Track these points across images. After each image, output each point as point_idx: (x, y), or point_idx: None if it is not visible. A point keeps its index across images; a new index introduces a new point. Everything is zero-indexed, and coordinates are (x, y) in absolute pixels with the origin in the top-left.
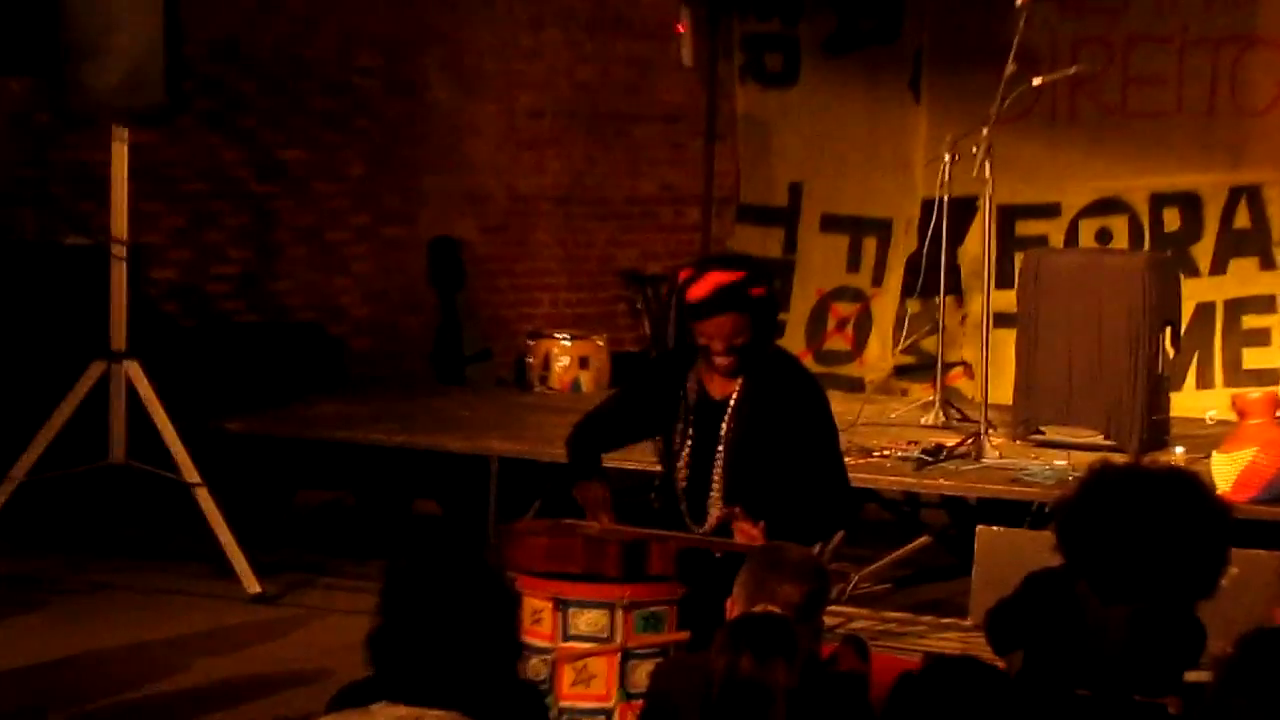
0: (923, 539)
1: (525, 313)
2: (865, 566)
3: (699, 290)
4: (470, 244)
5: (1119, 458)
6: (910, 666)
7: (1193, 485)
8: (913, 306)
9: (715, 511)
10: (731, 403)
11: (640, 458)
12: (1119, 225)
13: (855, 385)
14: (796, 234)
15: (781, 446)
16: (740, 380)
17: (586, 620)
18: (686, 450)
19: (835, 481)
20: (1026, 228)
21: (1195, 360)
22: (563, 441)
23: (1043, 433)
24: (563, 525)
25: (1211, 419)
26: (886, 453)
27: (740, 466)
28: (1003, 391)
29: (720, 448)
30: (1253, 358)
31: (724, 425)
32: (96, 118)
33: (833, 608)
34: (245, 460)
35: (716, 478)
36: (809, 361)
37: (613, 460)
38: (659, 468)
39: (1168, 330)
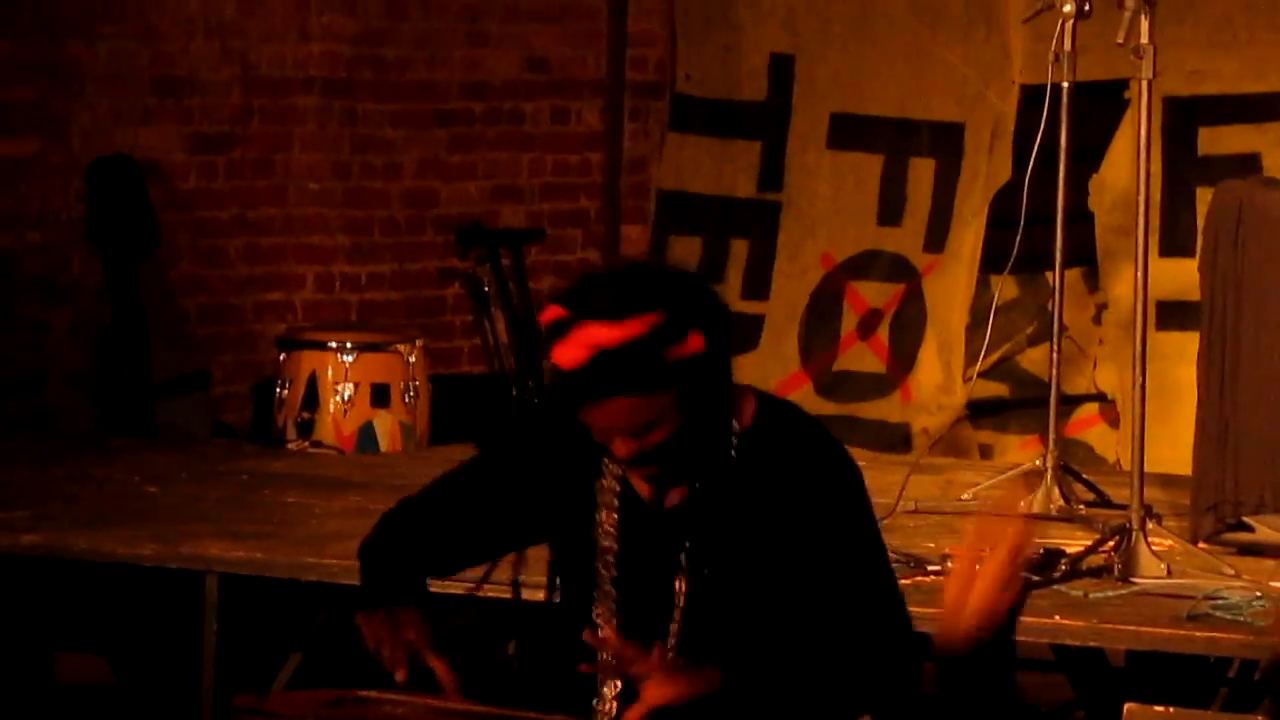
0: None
1: (270, 300)
2: None
3: (568, 357)
4: (167, 169)
5: None
6: None
7: None
8: (1003, 289)
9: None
10: (690, 517)
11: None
12: None
13: (893, 439)
14: (784, 153)
15: (785, 583)
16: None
17: None
18: (609, 587)
19: (880, 629)
20: (1219, 140)
21: None
22: (346, 544)
23: (1250, 528)
24: (350, 699)
25: None
26: (954, 566)
27: (718, 631)
28: (1173, 451)
29: (680, 597)
30: None
31: (682, 559)
32: None
33: None
34: None
35: (671, 643)
36: (807, 395)
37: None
38: (508, 592)
39: None
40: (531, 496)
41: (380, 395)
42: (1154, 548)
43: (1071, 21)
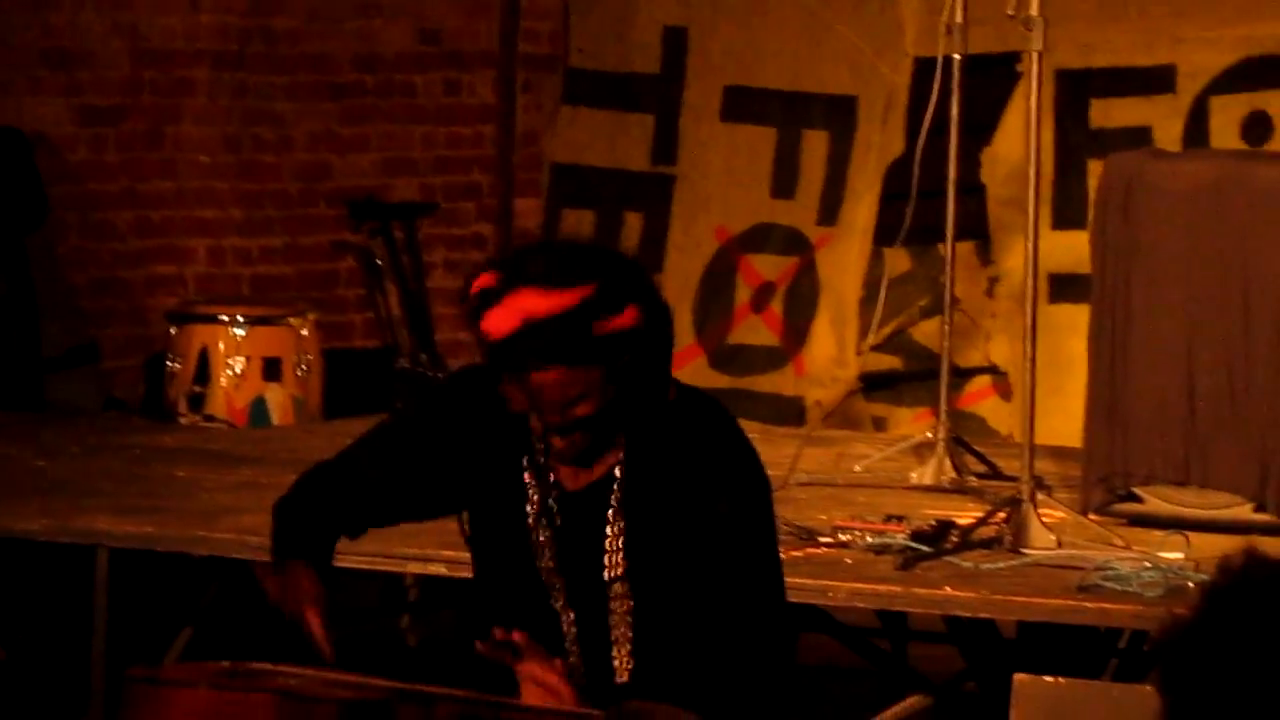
0: (913, 700)
1: (161, 273)
2: None
3: (498, 324)
4: (56, 141)
5: None
6: None
7: None
8: (896, 262)
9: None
10: (613, 502)
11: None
12: None
13: (787, 412)
14: (677, 126)
15: (677, 574)
16: (616, 458)
17: None
18: (527, 565)
19: (749, 621)
20: (1111, 112)
21: None
22: (237, 519)
23: (1140, 499)
24: (243, 671)
25: None
26: (845, 538)
27: (659, 611)
28: (1065, 423)
29: (613, 579)
30: None
31: (609, 541)
32: None
33: None
34: None
35: (619, 633)
36: (700, 368)
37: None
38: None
39: None
40: (453, 466)
41: (272, 369)
42: (1044, 519)
43: None
